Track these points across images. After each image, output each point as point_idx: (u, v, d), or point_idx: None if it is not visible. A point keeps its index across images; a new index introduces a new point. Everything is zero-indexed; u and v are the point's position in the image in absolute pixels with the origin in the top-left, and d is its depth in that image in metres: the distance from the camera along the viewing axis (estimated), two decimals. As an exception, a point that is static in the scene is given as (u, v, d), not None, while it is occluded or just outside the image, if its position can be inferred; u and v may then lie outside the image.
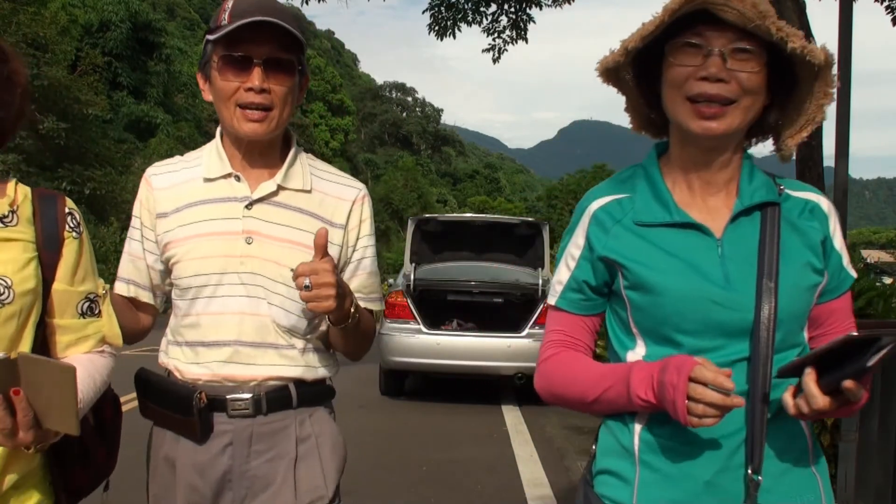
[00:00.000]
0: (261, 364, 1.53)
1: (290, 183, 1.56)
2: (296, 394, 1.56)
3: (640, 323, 1.25)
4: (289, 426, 1.56)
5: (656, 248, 1.23)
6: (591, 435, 1.35)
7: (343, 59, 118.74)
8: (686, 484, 1.20)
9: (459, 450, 5.89)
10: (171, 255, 1.56)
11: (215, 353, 1.53)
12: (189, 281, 1.54)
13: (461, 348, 7.68)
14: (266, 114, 1.49)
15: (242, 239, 1.52)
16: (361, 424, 6.83)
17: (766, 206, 1.24)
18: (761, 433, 1.17)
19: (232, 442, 1.53)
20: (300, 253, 1.50)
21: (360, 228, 1.63)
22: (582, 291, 1.31)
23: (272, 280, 1.52)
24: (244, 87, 1.47)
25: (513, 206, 64.77)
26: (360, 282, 1.64)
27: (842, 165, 5.55)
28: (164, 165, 1.63)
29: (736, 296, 1.18)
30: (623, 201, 1.28)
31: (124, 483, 1.61)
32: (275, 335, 1.53)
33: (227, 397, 1.52)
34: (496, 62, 8.99)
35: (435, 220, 8.89)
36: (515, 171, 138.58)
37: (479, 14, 8.66)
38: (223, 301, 1.53)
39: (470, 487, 4.90)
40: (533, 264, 8.63)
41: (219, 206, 1.54)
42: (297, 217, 1.55)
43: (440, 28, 8.63)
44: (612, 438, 1.28)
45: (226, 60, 1.48)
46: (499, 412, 7.51)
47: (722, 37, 1.16)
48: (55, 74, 19.39)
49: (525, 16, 8.68)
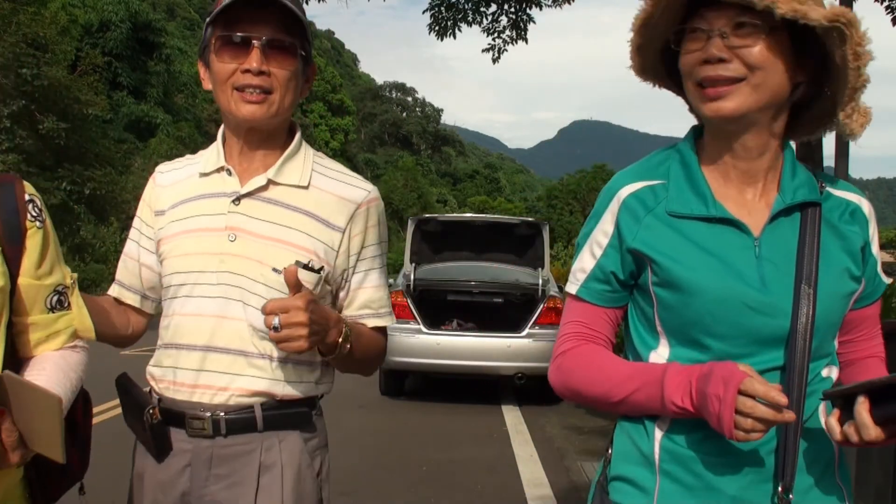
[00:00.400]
0: (230, 373, 1.40)
1: (283, 178, 1.45)
2: (261, 415, 1.41)
3: (666, 322, 1.18)
4: (253, 451, 1.41)
5: (690, 244, 1.15)
6: (592, 435, 1.34)
7: (343, 59, 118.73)
8: (710, 497, 1.14)
9: (459, 450, 5.89)
10: (161, 252, 1.48)
11: (184, 357, 1.42)
12: (170, 279, 1.46)
13: (461, 348, 7.67)
14: (266, 97, 1.39)
15: (225, 236, 1.42)
16: (361, 424, 6.83)
17: (806, 206, 1.17)
18: (794, 447, 1.11)
19: (190, 463, 1.41)
20: (289, 253, 1.40)
21: (366, 235, 1.49)
22: (608, 282, 1.23)
23: (252, 280, 1.40)
24: (241, 69, 1.38)
25: (513, 206, 64.75)
26: (367, 296, 1.51)
27: (842, 165, 5.55)
28: (171, 163, 1.58)
29: (772, 300, 1.12)
30: (657, 188, 1.20)
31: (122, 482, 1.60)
32: (248, 341, 1.40)
33: (186, 413, 1.40)
34: (496, 62, 8.99)
35: (435, 220, 8.89)
36: (515, 171, 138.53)
37: (479, 14, 8.66)
38: (198, 302, 1.42)
39: (470, 487, 4.90)
40: (533, 264, 8.62)
41: (208, 201, 1.46)
42: (288, 215, 1.43)
43: (440, 28, 8.63)
44: (629, 443, 1.21)
45: (223, 41, 1.39)
46: (499, 412, 7.50)
47: (722, 16, 1.11)
48: (55, 74, 19.38)
49: (525, 16, 8.68)
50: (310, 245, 1.42)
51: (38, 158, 19.53)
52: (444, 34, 8.67)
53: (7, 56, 18.47)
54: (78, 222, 20.70)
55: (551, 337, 7.60)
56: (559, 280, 12.58)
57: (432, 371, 7.97)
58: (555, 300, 7.80)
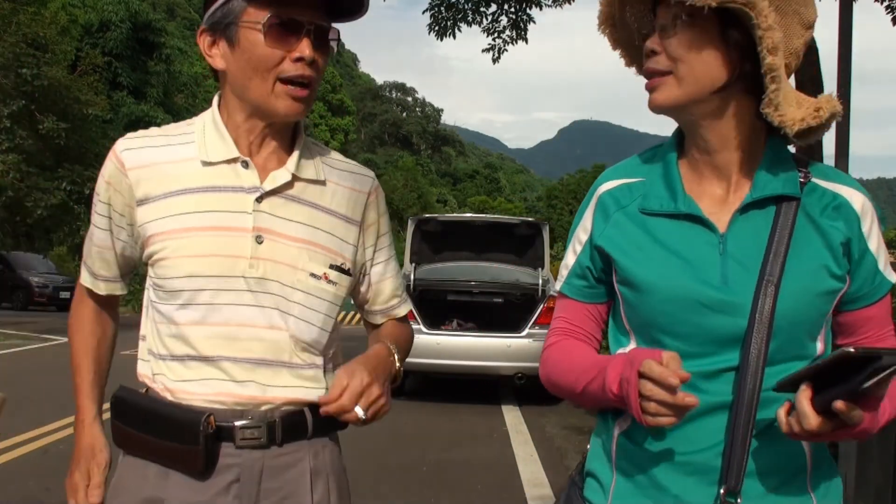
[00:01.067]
0: (275, 385, 1.30)
1: (304, 172, 1.34)
2: (311, 420, 1.33)
3: (630, 320, 1.18)
4: (302, 459, 1.33)
5: (653, 241, 1.14)
6: (591, 435, 1.34)
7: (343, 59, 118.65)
8: (656, 496, 1.13)
9: (459, 450, 5.89)
10: (156, 251, 1.30)
11: (217, 370, 1.29)
12: (181, 283, 1.28)
13: (461, 348, 7.68)
14: (308, 91, 1.28)
15: (252, 237, 1.28)
16: (361, 424, 6.83)
17: (783, 200, 1.12)
18: (742, 450, 1.07)
19: (239, 478, 1.28)
20: (320, 255, 1.32)
21: (380, 225, 1.44)
22: (585, 277, 1.24)
23: (289, 287, 1.30)
24: (292, 58, 1.25)
25: (513, 206, 64.75)
26: (392, 287, 1.48)
27: (841, 165, 5.56)
28: (138, 139, 1.34)
29: (732, 298, 1.08)
30: (634, 185, 1.20)
31: None
32: (291, 352, 1.31)
33: (236, 424, 1.28)
34: (496, 62, 8.99)
35: (435, 220, 8.89)
36: (515, 171, 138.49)
37: (479, 14, 8.66)
38: (227, 310, 1.28)
39: (470, 487, 4.90)
40: (533, 264, 8.63)
41: (223, 196, 1.30)
42: (312, 213, 1.33)
43: (440, 28, 8.63)
44: (598, 441, 1.24)
45: (273, 25, 1.24)
46: (499, 412, 7.50)
47: (667, 12, 1.10)
48: (55, 74, 19.35)
49: (525, 16, 8.68)
50: (336, 246, 1.36)
51: (38, 158, 19.50)
52: (444, 34, 8.68)
53: (7, 56, 18.45)
54: (78, 222, 20.64)
55: (551, 337, 7.61)
56: (559, 280, 12.61)
57: (432, 371, 7.97)
58: (555, 300, 7.79)
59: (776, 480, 1.11)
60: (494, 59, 8.93)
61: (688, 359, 1.06)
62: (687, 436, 1.11)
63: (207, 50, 1.31)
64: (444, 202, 70.88)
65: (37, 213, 19.00)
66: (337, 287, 1.35)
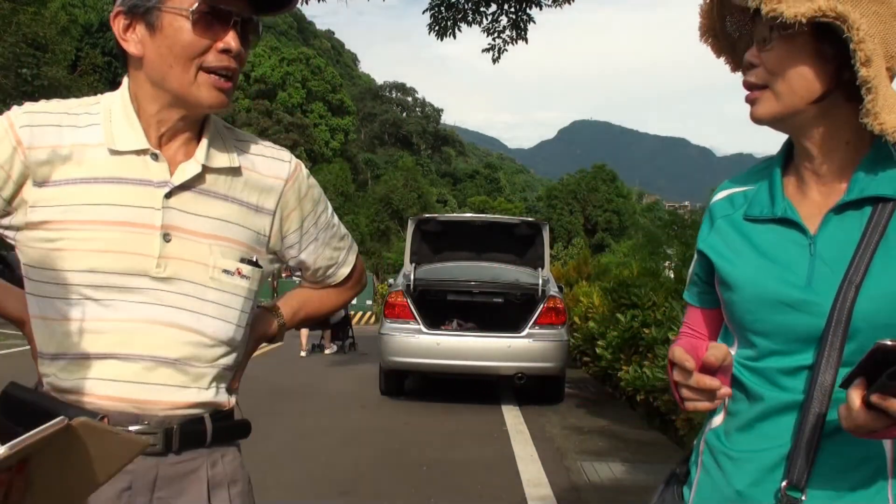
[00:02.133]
0: (174, 386, 1.24)
1: (214, 161, 1.28)
2: (211, 428, 1.28)
3: (730, 318, 1.23)
4: (199, 468, 1.28)
5: (749, 245, 1.19)
6: (591, 435, 1.37)
7: (343, 59, 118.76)
8: (723, 491, 1.18)
9: (459, 450, 5.89)
10: (50, 239, 1.22)
11: (114, 370, 1.22)
12: (80, 277, 1.21)
13: (461, 348, 7.68)
14: (231, 84, 1.25)
15: (160, 235, 1.23)
16: (361, 424, 6.84)
17: (880, 201, 1.11)
18: (809, 446, 1.09)
19: (131, 486, 1.22)
20: (230, 250, 1.28)
21: (303, 206, 1.39)
22: (697, 284, 1.32)
23: (201, 286, 1.25)
24: (218, 48, 1.21)
25: (513, 206, 64.74)
26: (325, 262, 1.47)
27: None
28: (39, 114, 1.24)
29: (812, 299, 1.10)
30: (741, 195, 1.25)
31: None
32: (196, 350, 1.26)
33: (130, 429, 1.21)
34: (496, 62, 8.98)
35: (435, 220, 8.89)
36: (515, 171, 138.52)
37: (479, 14, 8.65)
38: (129, 307, 1.22)
39: (470, 487, 4.90)
40: (533, 264, 8.63)
41: (129, 188, 1.23)
42: (222, 206, 1.28)
43: (440, 28, 8.62)
44: (698, 438, 1.30)
45: (202, 13, 1.19)
46: (499, 412, 7.50)
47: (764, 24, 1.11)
48: (55, 74, 19.38)
49: (525, 16, 8.67)
50: (247, 238, 1.31)
51: (38, 158, 19.51)
52: (443, 34, 8.67)
53: (7, 56, 18.47)
54: (78, 222, 20.68)
55: (551, 337, 7.62)
56: (559, 280, 12.58)
57: (432, 371, 7.98)
58: (555, 300, 7.80)
59: (849, 482, 1.10)
60: (494, 59, 8.92)
61: (773, 356, 1.13)
62: (764, 432, 1.15)
63: (122, 34, 1.24)
64: (444, 202, 70.89)
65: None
66: (250, 281, 1.31)
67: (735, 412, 1.19)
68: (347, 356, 12.76)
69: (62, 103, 1.29)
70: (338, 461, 5.30)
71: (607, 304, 8.18)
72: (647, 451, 5.78)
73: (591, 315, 8.86)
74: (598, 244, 58.08)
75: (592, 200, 63.68)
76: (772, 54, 1.11)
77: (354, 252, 1.53)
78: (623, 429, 6.69)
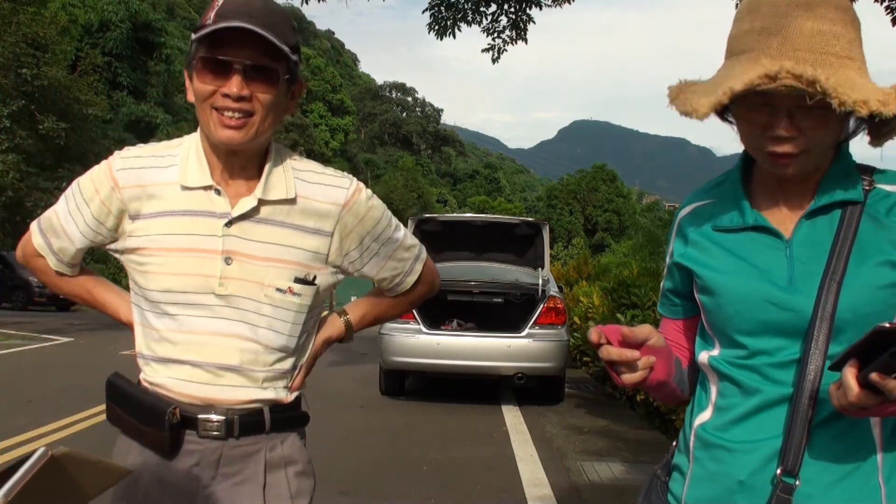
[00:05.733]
0: (236, 386, 1.47)
1: (271, 194, 1.47)
2: (269, 418, 1.50)
3: (712, 324, 1.28)
4: (259, 451, 1.50)
5: (726, 253, 1.25)
6: (591, 435, 1.38)
7: (343, 59, 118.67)
8: (723, 481, 1.22)
9: (459, 450, 5.89)
10: (141, 263, 1.47)
11: (188, 372, 1.46)
12: (159, 296, 1.46)
13: (461, 348, 7.67)
14: (246, 120, 1.39)
15: (221, 259, 1.44)
16: (361, 424, 6.83)
17: (847, 204, 1.20)
18: (801, 436, 1.15)
19: (199, 462, 1.47)
20: (285, 271, 1.46)
21: (363, 225, 1.53)
22: (673, 296, 1.38)
23: (257, 301, 1.45)
24: (221, 93, 1.38)
25: (513, 206, 64.80)
26: (392, 274, 1.61)
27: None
28: (131, 159, 1.49)
29: (796, 297, 1.17)
30: (706, 208, 1.32)
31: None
32: (254, 357, 1.47)
33: (199, 417, 1.46)
34: (496, 62, 8.98)
35: (435, 220, 8.89)
36: (515, 171, 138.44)
37: (479, 14, 8.65)
38: (198, 321, 1.45)
39: (470, 487, 4.90)
40: (533, 264, 8.62)
41: (197, 220, 1.45)
42: (278, 232, 1.47)
43: (440, 28, 8.62)
44: (682, 436, 1.35)
45: (205, 62, 1.38)
46: (499, 412, 7.50)
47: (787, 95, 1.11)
48: (55, 74, 19.35)
49: (525, 16, 8.67)
50: (303, 259, 1.48)
51: (38, 158, 19.52)
52: (443, 34, 8.66)
53: (7, 56, 18.46)
54: (78, 222, 20.65)
55: (551, 337, 7.62)
56: (559, 280, 12.59)
57: (432, 371, 7.98)
58: (554, 300, 7.80)
59: (841, 470, 1.17)
60: (494, 59, 8.92)
61: (763, 353, 1.20)
62: (757, 424, 1.20)
63: (187, 85, 1.47)
64: (444, 202, 70.92)
65: (37, 213, 18.83)
66: (302, 297, 1.48)
67: (729, 406, 1.23)
68: (347, 356, 12.74)
69: (152, 147, 1.53)
70: (337, 461, 5.30)
71: (607, 304, 8.19)
72: (647, 451, 5.78)
73: (591, 315, 8.87)
74: (598, 244, 58.12)
75: (592, 200, 63.68)
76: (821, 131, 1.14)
77: (422, 261, 1.67)
78: (623, 429, 6.69)
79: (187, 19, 60.73)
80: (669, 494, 1.33)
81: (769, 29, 1.13)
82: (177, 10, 61.68)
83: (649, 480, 1.40)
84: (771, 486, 1.16)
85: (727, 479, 1.21)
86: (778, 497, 1.15)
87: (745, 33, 1.16)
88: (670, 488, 1.33)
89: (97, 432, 5.90)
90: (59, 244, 1.56)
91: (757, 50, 1.13)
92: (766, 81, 1.08)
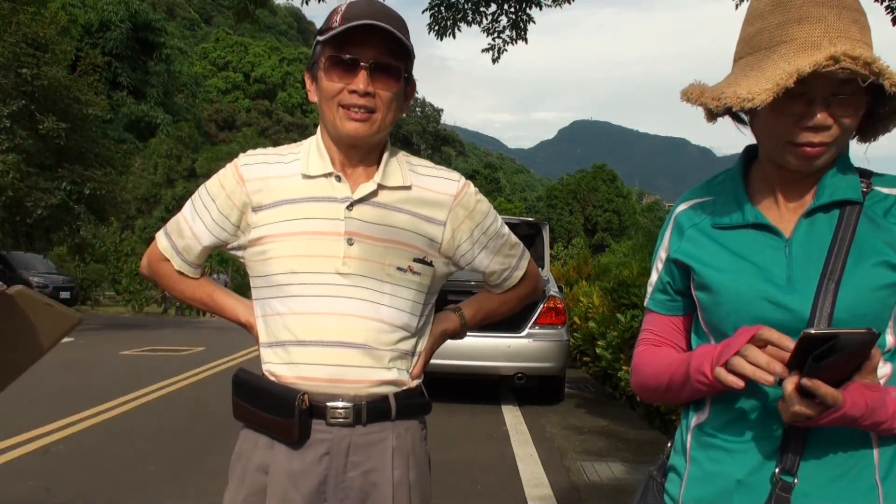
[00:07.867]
0: (362, 367, 1.50)
1: (389, 181, 1.55)
2: (395, 404, 1.53)
3: (708, 322, 1.28)
4: (385, 438, 1.53)
5: (725, 250, 1.25)
6: (591, 435, 1.38)
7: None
8: (721, 481, 1.22)
9: (459, 450, 5.89)
10: (263, 251, 1.53)
11: (313, 354, 1.50)
12: (283, 278, 1.51)
13: (461, 348, 7.66)
14: (369, 115, 1.49)
15: (344, 240, 1.51)
16: (361, 424, 6.82)
17: (846, 204, 1.21)
18: (800, 436, 1.16)
19: (329, 451, 1.50)
20: (403, 251, 1.53)
21: (473, 217, 1.62)
22: (666, 292, 1.37)
23: (378, 280, 1.51)
24: (348, 89, 1.48)
25: (513, 206, 64.71)
26: (500, 268, 1.69)
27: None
28: (256, 156, 1.60)
29: (795, 297, 1.17)
30: (705, 205, 1.32)
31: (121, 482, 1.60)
32: (378, 335, 1.51)
33: (327, 404, 1.49)
34: (496, 62, 8.98)
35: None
36: (515, 171, 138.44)
37: (479, 14, 8.65)
38: (323, 301, 1.50)
39: (470, 487, 4.90)
40: (533, 264, 8.61)
41: (319, 205, 1.53)
42: (396, 216, 1.54)
43: (440, 28, 8.62)
44: (677, 436, 1.35)
45: (333, 61, 1.49)
46: (499, 412, 7.50)
47: (826, 84, 1.13)
48: (55, 74, 19.34)
49: (525, 16, 8.67)
50: (419, 243, 1.55)
51: (38, 158, 19.50)
52: (443, 34, 8.66)
53: (7, 56, 18.45)
54: (78, 222, 20.66)
55: (551, 337, 7.62)
56: (559, 280, 12.58)
57: (432, 371, 7.95)
58: (555, 300, 7.79)
59: (838, 468, 1.17)
60: (494, 59, 8.91)
61: None
62: (760, 422, 1.20)
63: (308, 86, 1.58)
64: (444, 202, 70.65)
65: (37, 213, 19.00)
66: (421, 276, 1.55)
67: (726, 406, 1.23)
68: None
69: (276, 149, 1.63)
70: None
71: (607, 304, 8.18)
72: (647, 451, 5.78)
73: (591, 315, 8.86)
74: (598, 244, 58.11)
75: (592, 200, 63.68)
76: (845, 111, 1.14)
77: (527, 259, 1.75)
78: (623, 429, 6.69)
79: (187, 19, 60.71)
80: (666, 495, 1.33)
81: (808, 19, 1.14)
82: (177, 10, 61.63)
83: (644, 482, 1.40)
84: (770, 484, 1.17)
85: (725, 478, 1.22)
86: (777, 496, 1.16)
87: (777, 26, 1.16)
88: (667, 489, 1.33)
89: (97, 432, 5.85)
90: (183, 243, 1.63)
91: (801, 38, 1.13)
92: (831, 63, 1.08)
